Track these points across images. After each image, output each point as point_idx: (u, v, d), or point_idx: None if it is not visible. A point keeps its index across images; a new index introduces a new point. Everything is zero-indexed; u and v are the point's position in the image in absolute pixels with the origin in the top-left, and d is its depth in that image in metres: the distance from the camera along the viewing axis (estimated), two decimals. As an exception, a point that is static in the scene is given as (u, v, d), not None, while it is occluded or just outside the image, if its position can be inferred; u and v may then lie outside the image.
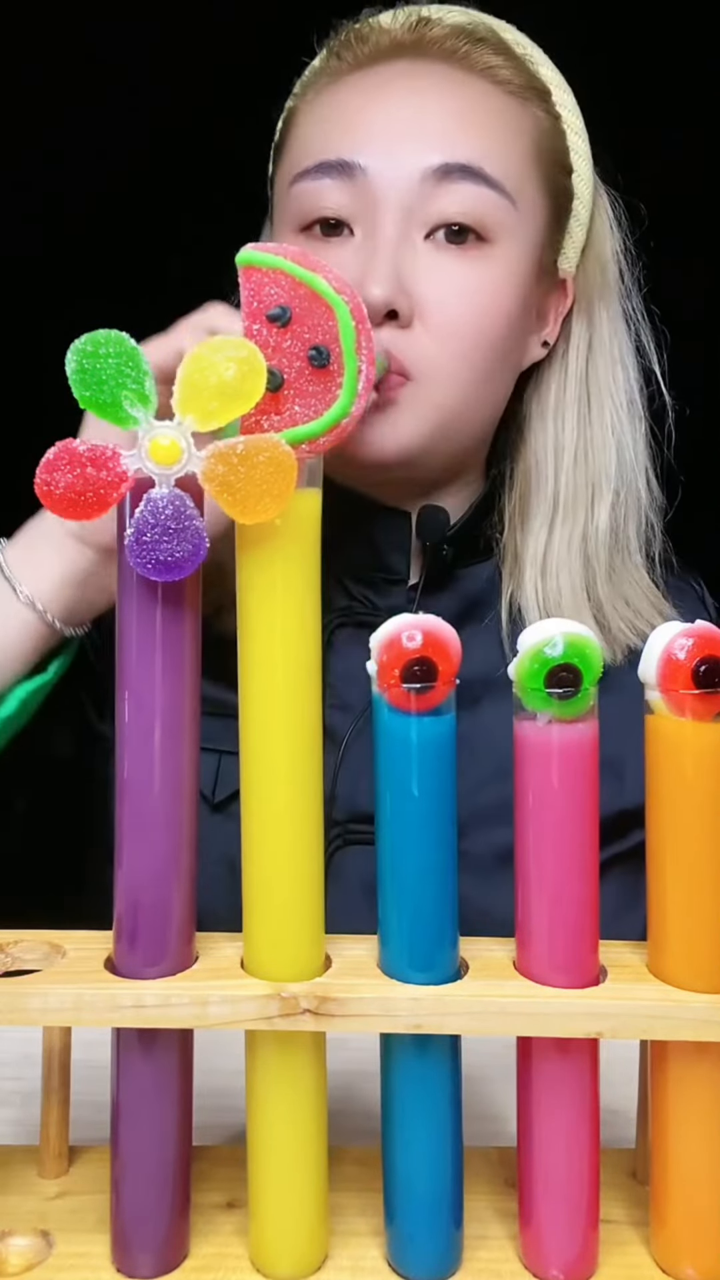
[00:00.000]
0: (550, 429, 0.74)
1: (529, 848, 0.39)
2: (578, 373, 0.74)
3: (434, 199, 0.66)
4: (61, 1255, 0.40)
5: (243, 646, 0.38)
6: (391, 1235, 0.40)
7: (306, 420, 0.38)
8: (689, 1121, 0.39)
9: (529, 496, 0.73)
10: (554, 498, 0.73)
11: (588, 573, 0.72)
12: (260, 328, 0.38)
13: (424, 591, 0.72)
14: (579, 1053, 0.39)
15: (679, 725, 0.38)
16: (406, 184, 0.66)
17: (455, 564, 0.73)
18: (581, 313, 0.75)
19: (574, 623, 0.38)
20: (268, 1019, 0.38)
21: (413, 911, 0.39)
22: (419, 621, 0.37)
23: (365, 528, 0.72)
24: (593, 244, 0.75)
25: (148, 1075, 0.40)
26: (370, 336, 0.38)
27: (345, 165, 0.67)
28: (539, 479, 0.73)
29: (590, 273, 0.75)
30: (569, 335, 0.75)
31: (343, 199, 0.67)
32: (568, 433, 0.73)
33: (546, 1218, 0.40)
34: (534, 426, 0.74)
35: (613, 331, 0.75)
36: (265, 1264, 0.40)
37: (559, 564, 0.72)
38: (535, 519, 0.73)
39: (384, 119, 0.68)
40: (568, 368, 0.74)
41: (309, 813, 0.39)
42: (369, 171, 0.66)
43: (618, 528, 0.73)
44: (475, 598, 0.74)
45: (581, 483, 0.73)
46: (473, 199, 0.66)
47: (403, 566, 0.73)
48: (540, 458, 0.73)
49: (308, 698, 0.38)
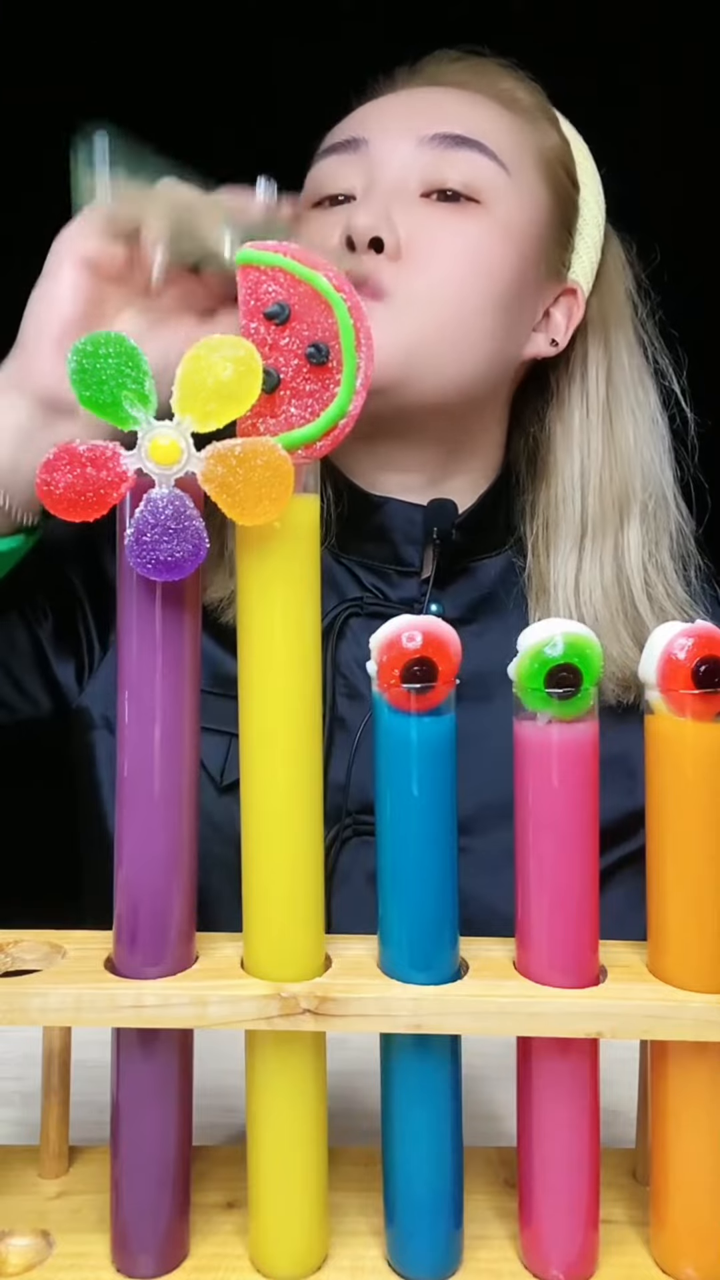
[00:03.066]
0: (576, 454, 0.74)
1: (529, 847, 0.39)
2: (599, 394, 0.75)
3: (431, 165, 0.69)
4: (61, 1255, 0.40)
5: (243, 650, 0.38)
6: (391, 1235, 0.40)
7: (303, 423, 0.38)
8: (689, 1121, 0.39)
9: (556, 523, 0.74)
10: (581, 522, 0.73)
11: (621, 589, 0.72)
12: (258, 325, 0.38)
13: (436, 584, 0.73)
14: (579, 1053, 0.39)
15: (679, 725, 0.38)
16: (404, 151, 0.69)
17: (467, 555, 0.73)
18: (598, 336, 0.76)
19: (574, 623, 0.38)
20: (268, 1019, 0.38)
21: (413, 911, 0.39)
22: (419, 622, 0.37)
23: (378, 520, 0.73)
24: (606, 277, 0.77)
25: (148, 1075, 0.40)
26: (370, 335, 0.38)
27: (351, 141, 0.71)
28: (565, 505, 0.74)
29: (605, 303, 0.77)
30: (586, 357, 0.76)
31: (348, 172, 0.71)
32: (593, 456, 0.74)
33: (546, 1218, 0.40)
34: (558, 452, 0.75)
35: (630, 354, 0.76)
36: (265, 1264, 0.40)
37: (591, 585, 0.72)
38: (564, 544, 0.73)
39: (392, 104, 0.73)
40: (588, 390, 0.75)
41: (309, 814, 0.39)
42: (370, 144, 0.70)
43: (650, 545, 0.74)
44: (490, 589, 0.75)
45: (609, 504, 0.73)
46: (467, 163, 0.69)
47: (415, 558, 0.73)
48: (567, 483, 0.74)
49: (307, 700, 0.38)
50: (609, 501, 0.73)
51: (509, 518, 0.76)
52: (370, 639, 0.38)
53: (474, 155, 0.69)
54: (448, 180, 0.68)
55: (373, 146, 0.70)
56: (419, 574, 0.73)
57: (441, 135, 0.69)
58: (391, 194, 0.68)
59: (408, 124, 0.70)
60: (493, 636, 0.70)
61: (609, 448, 0.74)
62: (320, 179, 0.72)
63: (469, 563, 0.74)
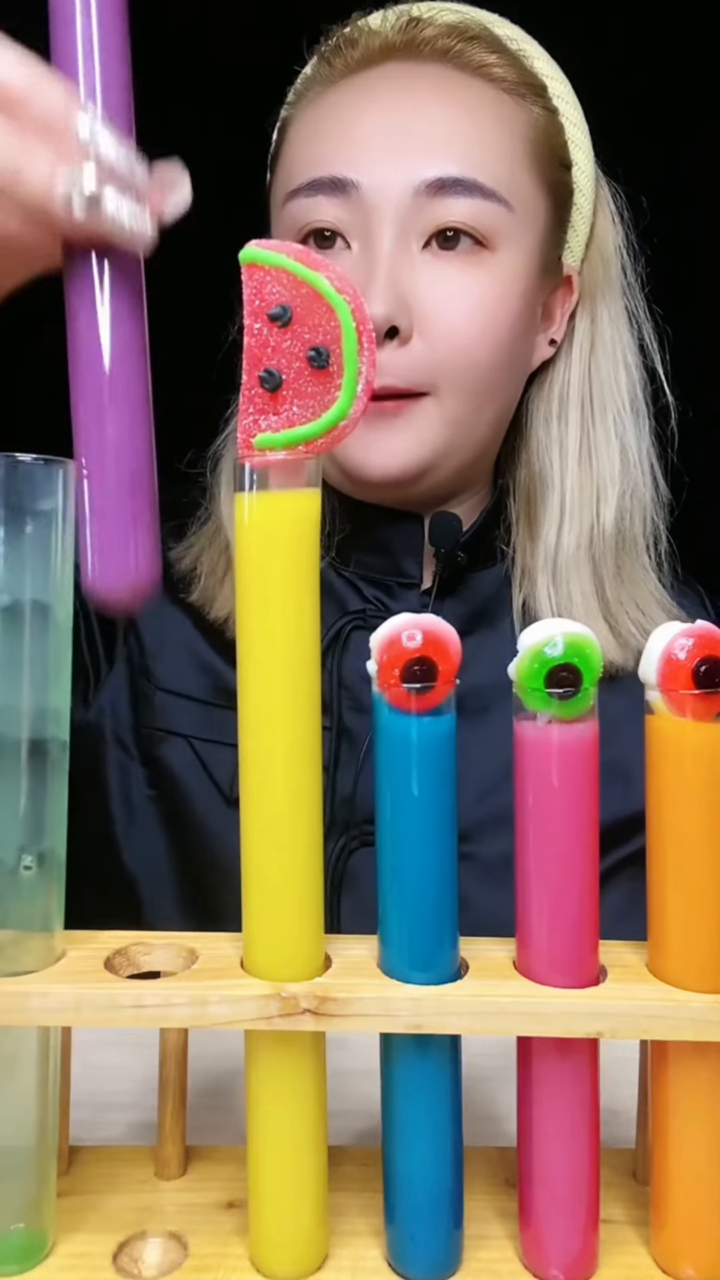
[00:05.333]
0: (554, 431, 0.73)
1: (529, 848, 0.39)
2: (580, 372, 0.74)
3: (429, 210, 0.65)
4: (62, 1255, 0.40)
5: (242, 649, 0.38)
6: (391, 1235, 0.40)
7: (305, 421, 0.38)
8: (689, 1121, 0.39)
9: (536, 503, 0.73)
10: (560, 501, 0.72)
11: (596, 574, 0.72)
12: (261, 326, 0.38)
13: (437, 596, 0.72)
14: (579, 1053, 0.39)
15: (679, 725, 0.38)
16: (400, 198, 0.65)
17: (467, 568, 0.73)
18: (585, 310, 0.75)
19: (574, 623, 0.38)
20: (268, 1019, 0.38)
21: (413, 911, 0.39)
22: (419, 621, 0.37)
23: (379, 533, 0.73)
24: (595, 237, 0.75)
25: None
26: (372, 338, 0.38)
27: (338, 182, 0.66)
28: (544, 483, 0.73)
29: (594, 267, 0.75)
30: (572, 334, 0.74)
31: (338, 213, 0.66)
32: (571, 434, 0.73)
33: (546, 1218, 0.40)
34: (538, 430, 0.74)
35: (615, 330, 0.75)
36: (265, 1264, 0.40)
37: (568, 567, 0.72)
38: (544, 524, 0.73)
39: (376, 130, 0.67)
40: (570, 368, 0.74)
41: (308, 813, 0.39)
42: (362, 186, 0.65)
43: (624, 528, 0.73)
44: (486, 603, 0.74)
45: (587, 483, 0.72)
46: (468, 210, 0.65)
47: (416, 571, 0.73)
48: (545, 461, 0.73)
49: (307, 700, 0.38)
50: (586, 481, 0.72)
51: (507, 522, 0.75)
52: (370, 639, 0.38)
53: (474, 201, 0.65)
54: (449, 224, 0.65)
55: (364, 192, 0.65)
56: (419, 586, 0.73)
57: (439, 181, 0.65)
58: (394, 254, 0.65)
59: (400, 164, 0.65)
60: (490, 648, 0.70)
61: (586, 427, 0.73)
62: (304, 215, 0.67)
63: (467, 574, 0.74)
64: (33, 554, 0.37)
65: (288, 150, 0.72)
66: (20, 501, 0.37)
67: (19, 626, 0.37)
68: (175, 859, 0.74)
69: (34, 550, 0.37)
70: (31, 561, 0.37)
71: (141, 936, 0.41)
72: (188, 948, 0.41)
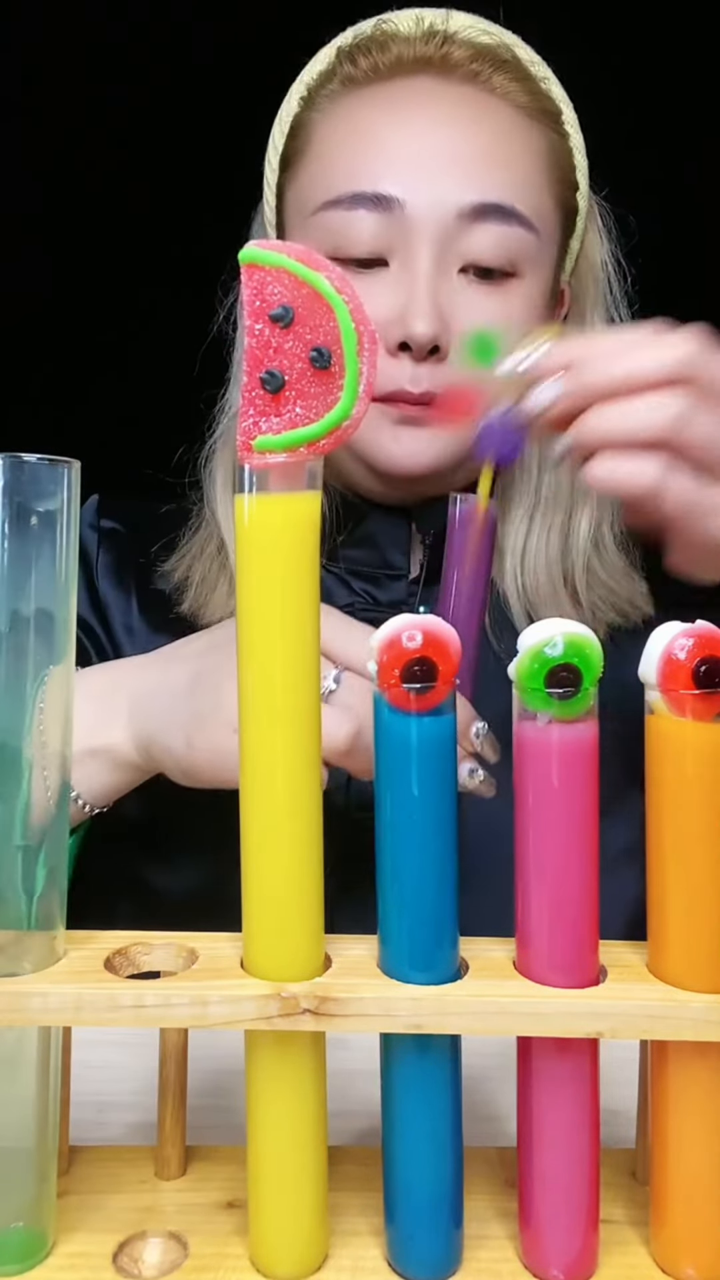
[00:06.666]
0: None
1: (528, 848, 0.39)
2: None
3: (468, 236, 0.67)
4: (61, 1255, 0.40)
5: (242, 651, 0.38)
6: (391, 1235, 0.40)
7: (307, 422, 0.38)
8: (689, 1121, 0.39)
9: (510, 490, 0.75)
10: (535, 492, 0.75)
11: (565, 565, 0.75)
12: (263, 327, 0.38)
13: (425, 583, 0.74)
14: (579, 1053, 0.39)
15: (679, 725, 0.38)
16: (443, 219, 0.67)
17: None
18: (573, 321, 0.77)
19: (574, 623, 0.38)
20: (268, 1019, 0.38)
21: (413, 911, 0.39)
22: (419, 621, 0.37)
23: (366, 528, 0.75)
24: (585, 251, 0.77)
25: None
26: (374, 339, 0.38)
27: (382, 199, 0.67)
28: (522, 474, 0.75)
29: (583, 280, 0.77)
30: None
31: (378, 230, 0.67)
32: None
33: (546, 1218, 0.40)
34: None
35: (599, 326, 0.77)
36: (265, 1264, 0.40)
37: (536, 554, 0.75)
38: (516, 510, 0.75)
39: (416, 147, 0.68)
40: None
41: (308, 813, 0.39)
42: (406, 205, 0.67)
43: (599, 537, 0.76)
44: None
45: (564, 482, 0.75)
46: (504, 238, 0.68)
47: (403, 562, 0.75)
48: (527, 460, 0.75)
49: (307, 698, 0.38)
50: (564, 480, 0.74)
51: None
52: (370, 639, 0.38)
53: (511, 228, 0.68)
54: (485, 258, 0.68)
55: (409, 210, 0.67)
56: (406, 576, 0.75)
57: (481, 205, 0.67)
58: (435, 276, 0.67)
59: (443, 186, 0.67)
60: None
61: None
62: (346, 233, 0.68)
63: None
64: (37, 554, 0.38)
65: (311, 153, 0.72)
66: (25, 501, 0.37)
67: (22, 626, 0.38)
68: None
69: (38, 550, 0.38)
70: (35, 561, 0.38)
71: (141, 936, 0.41)
72: (188, 948, 0.41)
